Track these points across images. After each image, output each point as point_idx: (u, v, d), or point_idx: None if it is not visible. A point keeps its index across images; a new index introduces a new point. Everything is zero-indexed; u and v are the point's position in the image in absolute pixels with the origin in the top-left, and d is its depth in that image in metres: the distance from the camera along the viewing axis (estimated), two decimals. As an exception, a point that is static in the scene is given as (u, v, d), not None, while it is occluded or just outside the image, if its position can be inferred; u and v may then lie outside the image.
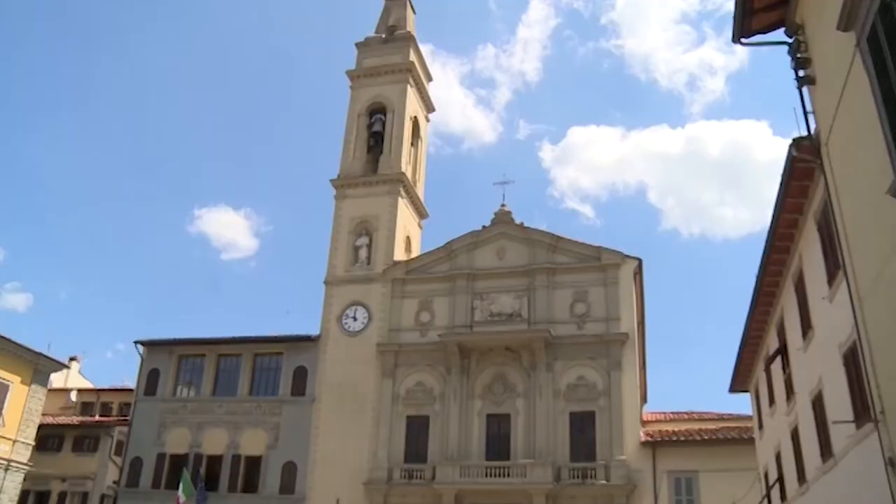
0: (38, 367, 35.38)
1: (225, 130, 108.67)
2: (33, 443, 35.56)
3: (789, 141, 14.05)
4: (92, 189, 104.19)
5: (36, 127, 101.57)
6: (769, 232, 18.01)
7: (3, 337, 33.55)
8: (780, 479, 22.95)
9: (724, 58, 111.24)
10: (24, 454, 34.59)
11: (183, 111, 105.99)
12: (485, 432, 36.53)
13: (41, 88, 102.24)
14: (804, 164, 14.33)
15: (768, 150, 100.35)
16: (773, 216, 17.15)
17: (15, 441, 34.07)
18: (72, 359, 52.80)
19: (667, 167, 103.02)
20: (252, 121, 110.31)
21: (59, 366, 37.97)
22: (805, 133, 13.66)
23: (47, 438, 41.27)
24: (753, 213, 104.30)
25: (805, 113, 13.55)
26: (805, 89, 13.50)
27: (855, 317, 13.03)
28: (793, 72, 13.47)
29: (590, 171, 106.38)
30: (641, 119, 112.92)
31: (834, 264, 14.55)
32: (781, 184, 15.60)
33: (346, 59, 60.63)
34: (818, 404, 17.13)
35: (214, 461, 39.22)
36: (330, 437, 37.97)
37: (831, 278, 14.94)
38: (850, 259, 13.10)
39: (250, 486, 38.44)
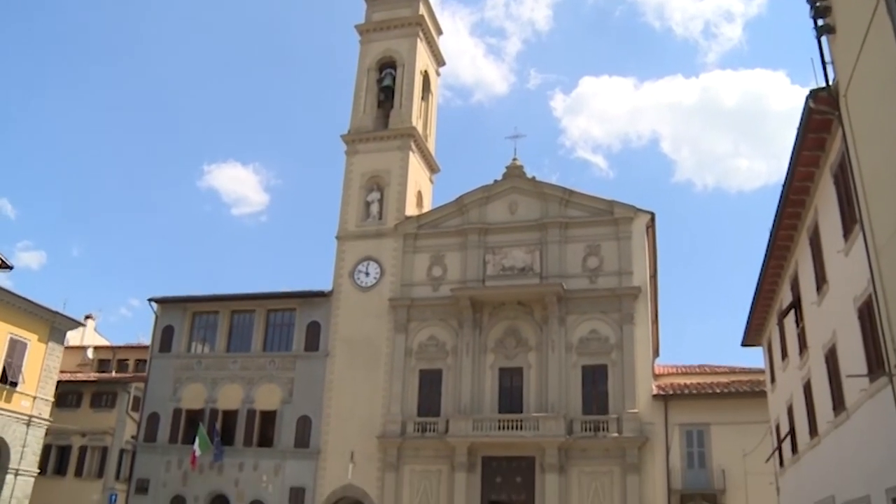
0: (54, 324, 35.76)
1: (232, 85, 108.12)
2: (52, 399, 36.12)
3: (807, 90, 13.80)
4: (100, 145, 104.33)
5: (44, 84, 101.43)
6: (784, 185, 17.78)
7: (19, 295, 33.91)
8: (792, 432, 23.02)
9: (742, 4, 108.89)
10: (44, 410, 35.17)
11: (189, 66, 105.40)
12: (497, 386, 36.75)
13: (49, 44, 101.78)
14: (821, 116, 14.09)
15: (785, 100, 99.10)
16: (789, 169, 16.91)
17: (35, 398, 34.62)
18: (87, 317, 53.33)
19: (681, 117, 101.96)
20: (259, 75, 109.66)
21: (75, 324, 38.36)
22: (823, 84, 13.40)
23: (66, 395, 41.94)
24: (769, 163, 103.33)
25: (823, 63, 13.30)
26: (824, 38, 13.21)
27: (871, 270, 12.94)
28: (811, 21, 13.17)
29: (602, 121, 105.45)
30: (655, 69, 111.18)
31: (850, 217, 14.38)
32: (797, 136, 15.35)
33: (355, 12, 59.98)
34: (831, 358, 17.07)
35: (230, 416, 39.73)
36: (344, 391, 38.35)
37: (847, 231, 14.78)
38: (867, 212, 12.94)
39: (265, 440, 38.98)
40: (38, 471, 35.34)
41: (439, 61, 48.96)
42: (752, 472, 31.20)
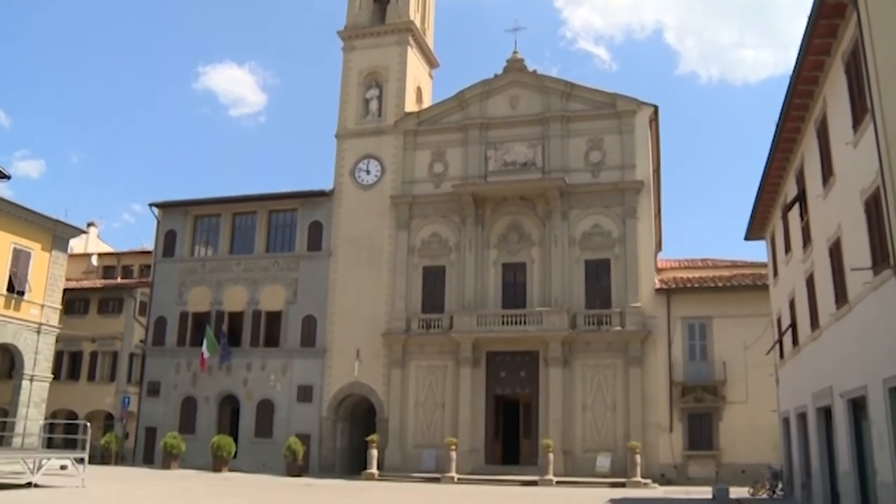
0: (56, 233, 35.64)
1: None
2: (60, 307, 36.38)
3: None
4: (93, 50, 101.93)
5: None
6: (793, 74, 17.16)
7: (19, 205, 33.68)
8: (793, 325, 23.12)
9: None
10: (52, 317, 35.46)
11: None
12: (500, 281, 36.93)
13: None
14: (835, 0, 13.42)
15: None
16: (798, 58, 16.29)
17: (43, 306, 34.84)
18: (90, 224, 53.15)
19: (685, 6, 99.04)
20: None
21: (78, 231, 38.21)
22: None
23: (73, 302, 42.30)
24: (776, 54, 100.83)
25: (839, -57, 12.56)
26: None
27: (881, 162, 12.61)
28: None
29: (604, 11, 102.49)
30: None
31: (861, 108, 13.93)
32: (809, 22, 14.71)
33: None
34: (836, 252, 16.90)
35: (236, 318, 40.18)
36: (348, 290, 38.60)
37: (857, 123, 14.35)
38: (879, 102, 12.53)
39: (272, 340, 39.51)
40: (52, 376, 36.00)
41: (435, -50, 47.05)
42: (752, 364, 31.68)
